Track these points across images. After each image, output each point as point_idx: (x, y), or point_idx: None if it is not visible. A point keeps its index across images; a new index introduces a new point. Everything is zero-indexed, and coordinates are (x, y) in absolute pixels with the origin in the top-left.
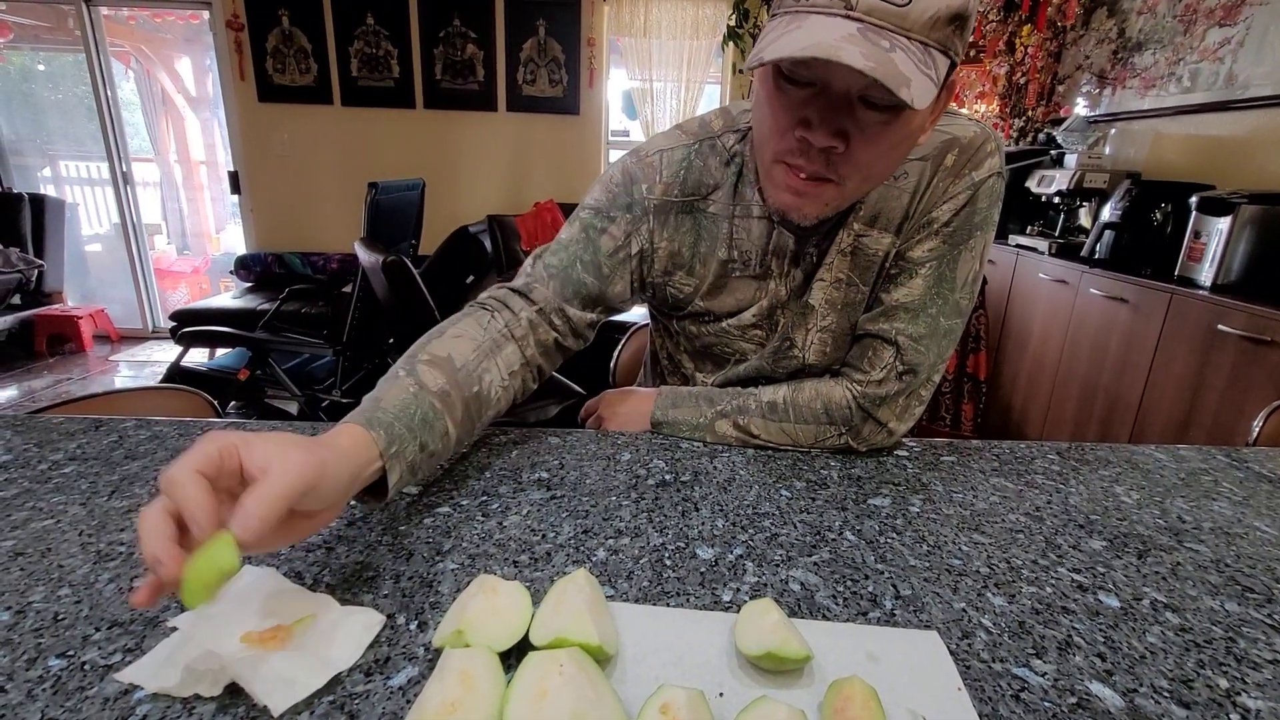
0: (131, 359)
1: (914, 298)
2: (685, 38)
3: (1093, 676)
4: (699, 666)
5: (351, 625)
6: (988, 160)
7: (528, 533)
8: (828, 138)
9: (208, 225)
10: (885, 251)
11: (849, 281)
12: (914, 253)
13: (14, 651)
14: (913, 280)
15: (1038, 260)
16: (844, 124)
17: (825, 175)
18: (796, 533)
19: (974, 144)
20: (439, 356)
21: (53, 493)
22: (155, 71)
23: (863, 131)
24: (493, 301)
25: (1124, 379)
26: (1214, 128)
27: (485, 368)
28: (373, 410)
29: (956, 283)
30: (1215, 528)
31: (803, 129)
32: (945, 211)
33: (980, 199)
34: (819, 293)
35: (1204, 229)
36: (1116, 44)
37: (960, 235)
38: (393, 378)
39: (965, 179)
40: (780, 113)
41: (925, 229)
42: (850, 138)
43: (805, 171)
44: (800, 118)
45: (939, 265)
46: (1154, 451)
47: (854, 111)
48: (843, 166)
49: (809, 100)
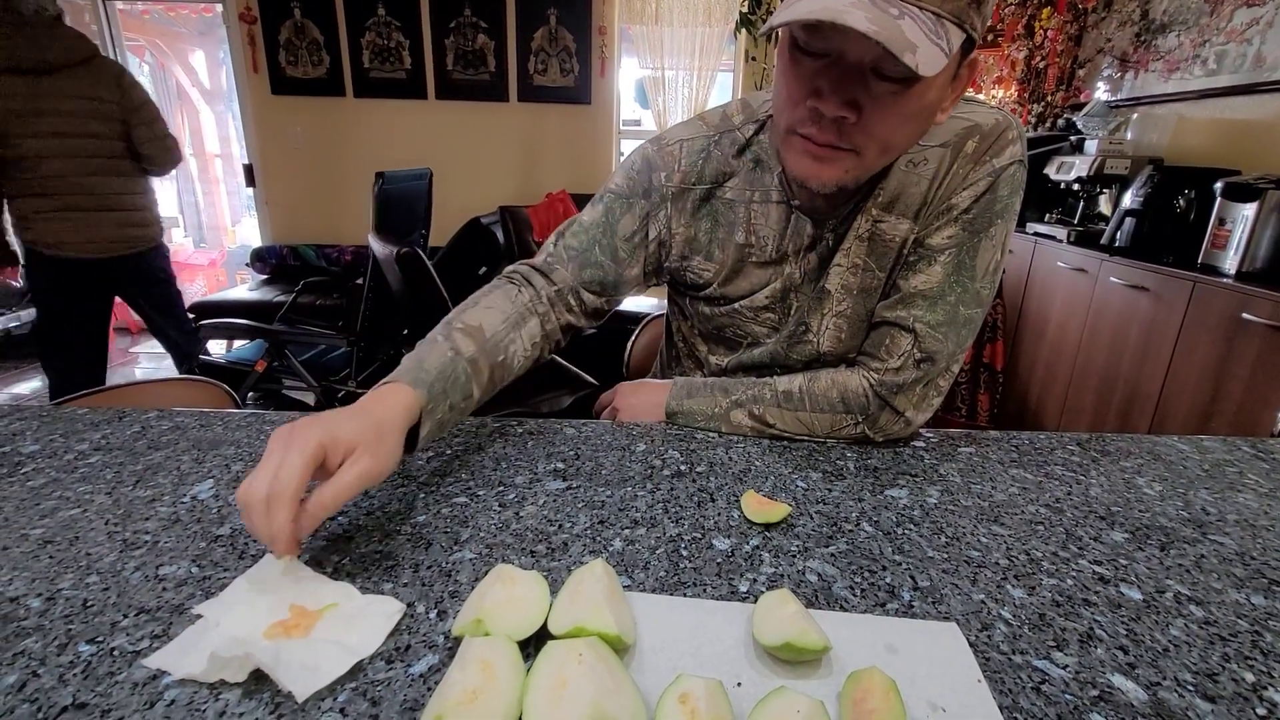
0: (151, 350)
1: (932, 285)
2: (697, 24)
3: (1115, 669)
4: (717, 656)
5: (373, 613)
6: (1009, 148)
7: (544, 523)
8: (839, 107)
9: (224, 218)
10: (903, 238)
11: (865, 267)
12: (933, 240)
13: (45, 637)
14: (931, 268)
15: (1056, 248)
16: (855, 94)
17: (839, 145)
18: (813, 523)
19: (995, 131)
20: (471, 325)
21: (79, 482)
22: (170, 65)
23: (875, 101)
24: (518, 276)
25: (1144, 369)
26: (1240, 111)
27: (511, 339)
28: (416, 371)
29: (976, 271)
30: (1240, 520)
31: (814, 99)
32: (965, 198)
33: (1001, 186)
34: (835, 278)
35: (1229, 215)
36: (1139, 26)
37: (980, 223)
38: (431, 342)
39: (986, 166)
40: (794, 83)
41: (944, 216)
42: (862, 108)
43: (818, 140)
44: (813, 87)
45: (958, 253)
46: (1177, 442)
47: (866, 81)
48: (857, 136)
49: (822, 70)
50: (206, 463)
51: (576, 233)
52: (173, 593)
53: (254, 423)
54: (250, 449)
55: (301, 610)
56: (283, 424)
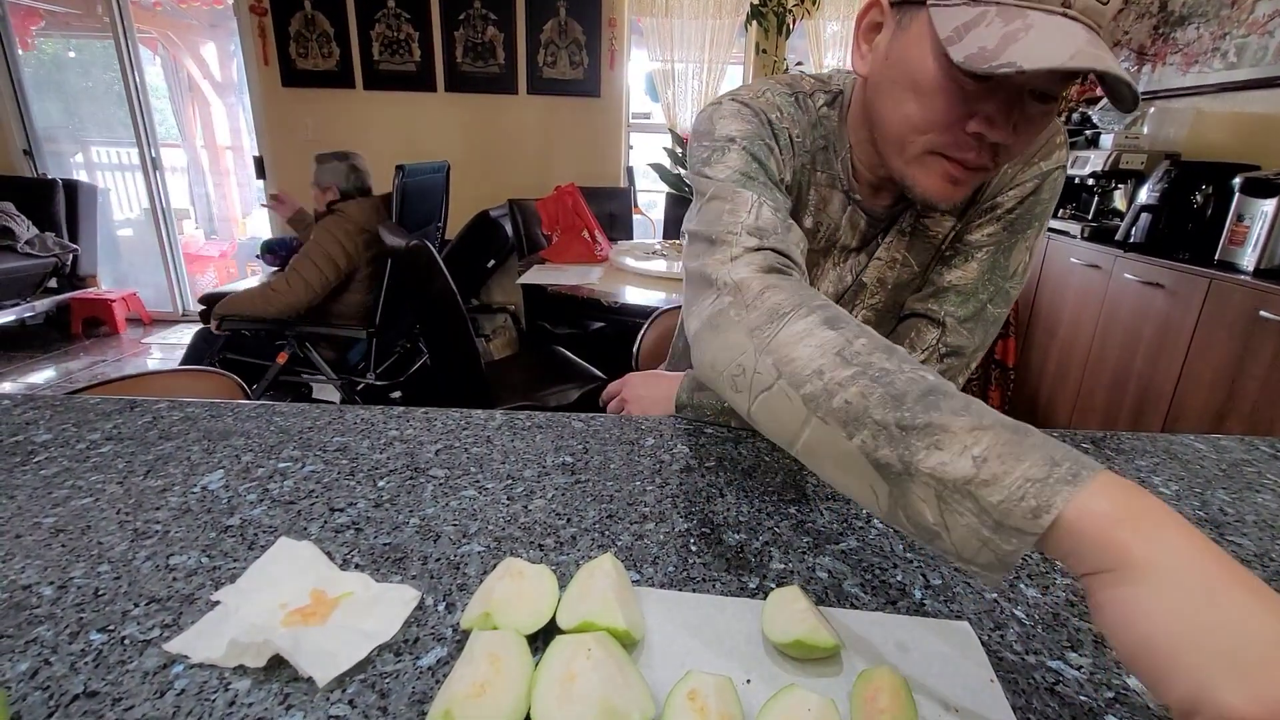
0: (162, 341)
1: (967, 280)
2: (708, 17)
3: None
4: (726, 653)
5: (389, 600)
6: (1056, 151)
7: (552, 516)
8: (1007, 134)
9: (234, 210)
10: (945, 234)
11: (904, 261)
12: (972, 235)
13: (57, 625)
14: (968, 263)
15: (1069, 244)
16: (1017, 118)
17: (986, 165)
18: (823, 520)
19: (1045, 134)
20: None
21: (91, 471)
22: (181, 57)
23: (1028, 121)
24: (792, 270)
25: (1158, 366)
26: (1260, 105)
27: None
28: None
29: (1009, 270)
30: (1259, 520)
31: (982, 125)
32: (1010, 198)
33: (1045, 190)
34: (873, 271)
35: (1247, 211)
36: (1157, 18)
37: (1021, 223)
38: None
39: (1034, 168)
40: (953, 105)
41: (988, 213)
42: (1020, 129)
43: (972, 165)
44: (979, 113)
45: (995, 251)
46: (1193, 441)
47: (1024, 104)
48: (1001, 156)
49: (985, 94)
50: (217, 453)
51: (738, 209)
52: (183, 582)
53: (264, 414)
54: (260, 440)
55: (321, 596)
56: (293, 416)
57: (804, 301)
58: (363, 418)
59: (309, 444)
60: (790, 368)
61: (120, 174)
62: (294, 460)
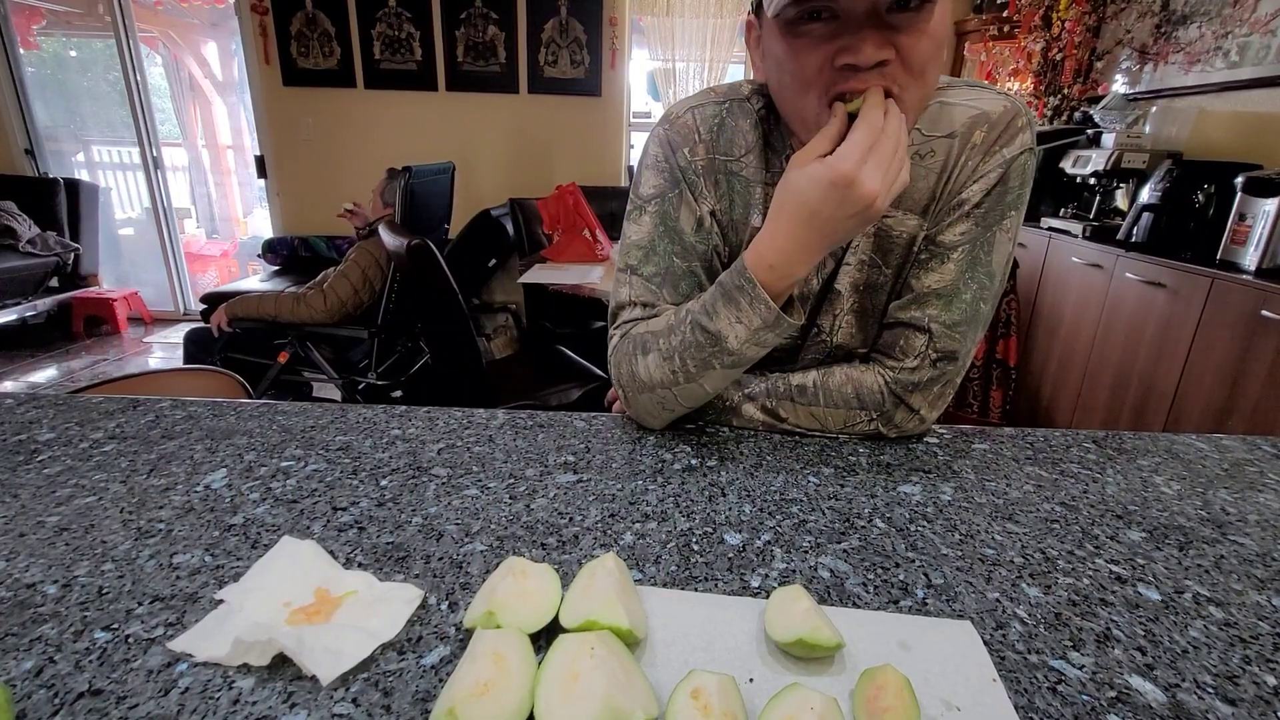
0: (164, 340)
1: (946, 283)
2: (709, 16)
3: (1133, 670)
4: (729, 652)
5: (393, 599)
6: (1019, 136)
7: (555, 515)
8: (876, 48)
9: (235, 209)
10: (911, 234)
11: (872, 263)
12: (945, 237)
13: (61, 624)
14: (944, 265)
15: (1071, 244)
16: (883, 34)
17: (890, 85)
18: (825, 519)
19: (1004, 119)
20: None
21: (94, 470)
22: (182, 56)
23: (904, 32)
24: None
25: (1159, 366)
26: (1263, 104)
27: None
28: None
29: (991, 265)
30: (1261, 520)
31: (845, 54)
32: (975, 192)
33: (1012, 178)
34: (845, 277)
35: (1249, 211)
36: (1160, 17)
37: (992, 217)
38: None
39: (996, 157)
40: (809, 54)
41: (955, 211)
42: (897, 44)
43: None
44: (836, 48)
45: (971, 249)
46: (1195, 441)
47: (884, 20)
48: (899, 75)
49: (834, 32)
50: (219, 452)
51: (643, 259)
52: (186, 581)
53: (266, 413)
54: (262, 439)
55: (325, 594)
56: (295, 415)
57: (641, 345)
58: (365, 417)
59: (311, 443)
60: (646, 377)
61: (121, 173)
62: (296, 459)
